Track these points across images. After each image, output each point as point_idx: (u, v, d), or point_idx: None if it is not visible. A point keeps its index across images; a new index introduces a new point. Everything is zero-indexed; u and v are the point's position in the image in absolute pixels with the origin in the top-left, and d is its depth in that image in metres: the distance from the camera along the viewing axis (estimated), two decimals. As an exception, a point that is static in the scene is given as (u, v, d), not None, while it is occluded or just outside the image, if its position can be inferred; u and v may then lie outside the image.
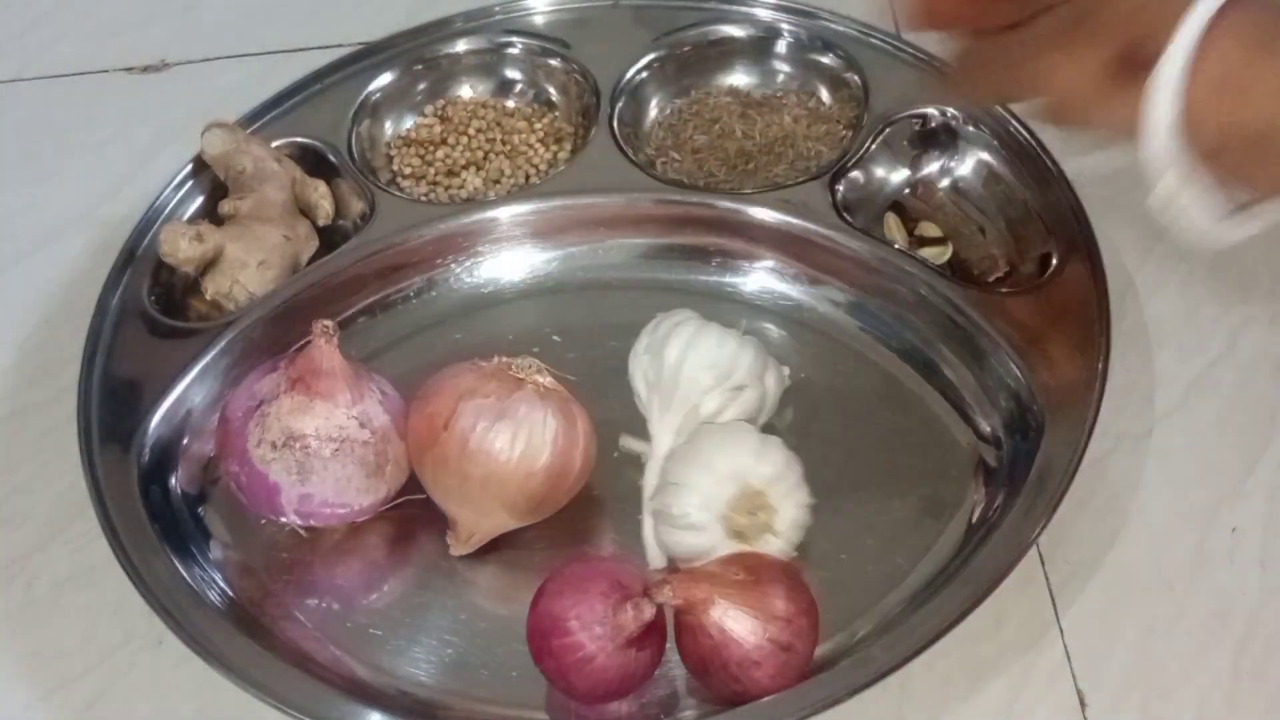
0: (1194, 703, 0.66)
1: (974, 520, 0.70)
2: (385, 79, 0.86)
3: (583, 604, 0.62)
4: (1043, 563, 0.70)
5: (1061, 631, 0.68)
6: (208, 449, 0.74)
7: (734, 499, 0.66)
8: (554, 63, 0.87)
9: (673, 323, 0.71)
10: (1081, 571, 0.70)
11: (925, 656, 0.67)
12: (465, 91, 0.88)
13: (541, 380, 0.68)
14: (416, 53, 0.87)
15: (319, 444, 0.67)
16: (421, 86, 0.87)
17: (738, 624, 0.62)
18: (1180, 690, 0.66)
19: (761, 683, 0.62)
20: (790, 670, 0.62)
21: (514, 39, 0.88)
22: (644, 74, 0.86)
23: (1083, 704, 0.66)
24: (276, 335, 0.75)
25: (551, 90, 0.87)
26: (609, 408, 0.72)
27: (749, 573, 0.63)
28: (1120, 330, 0.78)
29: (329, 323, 0.68)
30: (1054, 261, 0.75)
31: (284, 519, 0.68)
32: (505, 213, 0.81)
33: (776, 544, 0.67)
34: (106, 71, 0.95)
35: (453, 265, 0.81)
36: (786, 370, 0.73)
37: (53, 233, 0.86)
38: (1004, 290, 0.76)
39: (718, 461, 0.67)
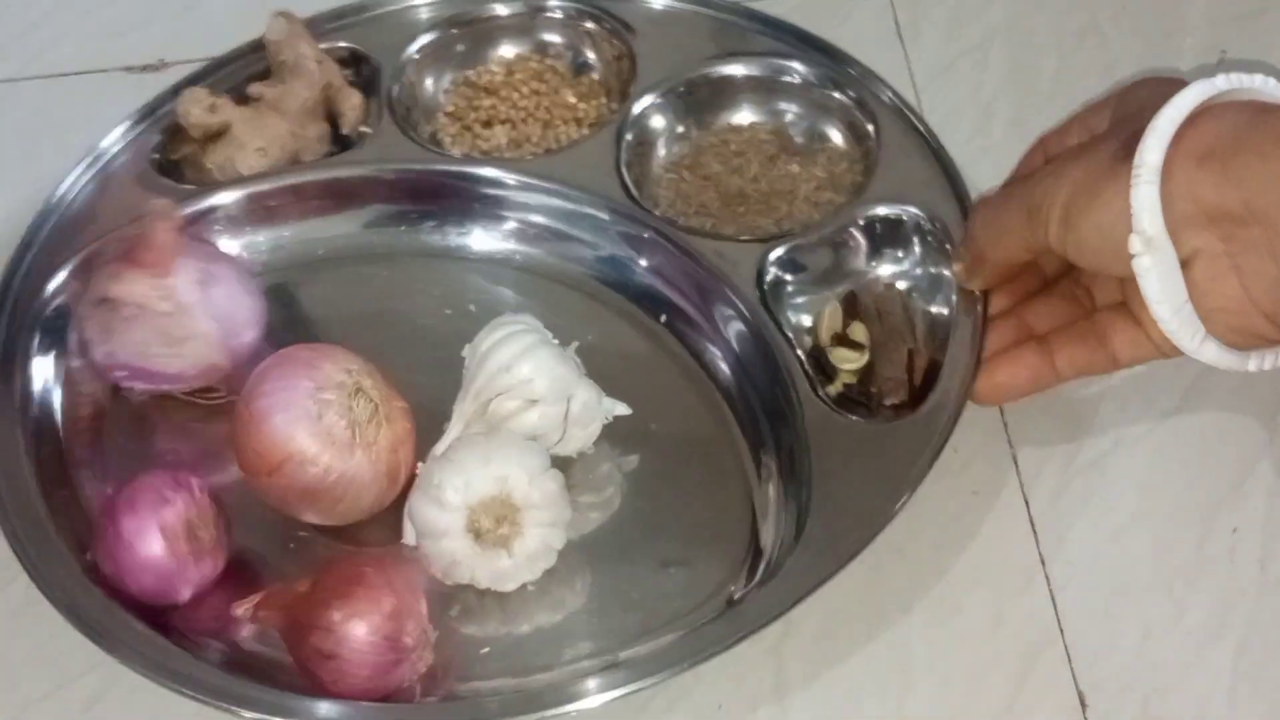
0: (1194, 703, 0.66)
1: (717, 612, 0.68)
2: (476, 21, 0.89)
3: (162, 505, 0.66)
4: (1043, 563, 0.70)
5: (1061, 631, 0.68)
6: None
7: (488, 499, 0.66)
8: (613, 44, 0.87)
9: (509, 319, 0.72)
10: (1082, 571, 0.70)
11: (924, 654, 0.67)
12: (535, 53, 0.89)
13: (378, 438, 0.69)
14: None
15: (123, 308, 0.72)
16: (498, 37, 0.89)
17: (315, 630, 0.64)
18: (1180, 690, 0.66)
19: (327, 686, 0.64)
20: (349, 681, 0.63)
21: (602, 20, 0.88)
22: (690, 86, 0.85)
23: (1083, 704, 0.66)
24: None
25: (604, 70, 0.88)
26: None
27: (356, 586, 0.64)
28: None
29: (163, 202, 0.74)
30: (924, 409, 0.71)
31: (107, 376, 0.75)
32: (479, 172, 0.82)
33: (507, 564, 0.67)
34: (106, 71, 0.95)
35: (401, 209, 0.82)
36: (619, 408, 0.73)
37: (53, 233, 0.86)
38: (855, 416, 0.72)
39: (495, 458, 0.67)
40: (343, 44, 0.87)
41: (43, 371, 0.76)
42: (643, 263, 0.80)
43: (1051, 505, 0.72)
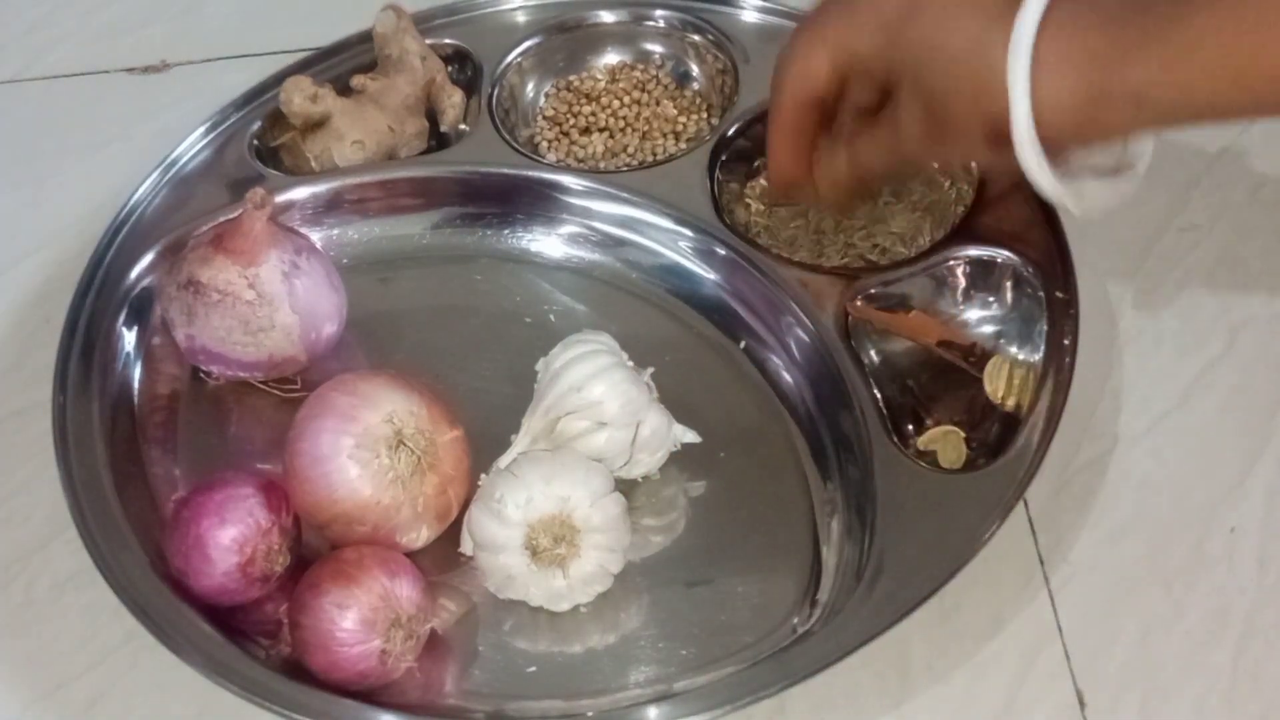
0: (1193, 703, 0.66)
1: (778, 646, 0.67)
2: (580, 26, 0.88)
3: (243, 511, 0.66)
4: (1042, 563, 0.70)
5: (1061, 631, 0.68)
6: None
7: (548, 517, 0.66)
8: (716, 57, 0.87)
9: (585, 336, 0.72)
10: (1081, 571, 0.70)
11: (924, 654, 0.67)
12: (639, 62, 0.89)
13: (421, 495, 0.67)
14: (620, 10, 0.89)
15: (208, 293, 0.72)
16: (602, 44, 0.89)
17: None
18: (1180, 690, 0.66)
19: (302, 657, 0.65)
20: (313, 655, 0.64)
21: (706, 31, 0.87)
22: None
23: (1082, 704, 0.66)
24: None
25: (706, 84, 0.87)
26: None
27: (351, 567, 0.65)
28: (1118, 330, 0.78)
29: (261, 191, 0.73)
30: (999, 462, 0.69)
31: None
32: (569, 181, 0.81)
33: (561, 585, 0.67)
34: (107, 72, 0.95)
35: (488, 211, 0.82)
36: (689, 436, 0.72)
37: (53, 233, 0.86)
38: (925, 464, 0.70)
39: (558, 477, 0.66)
40: (448, 41, 0.87)
41: (124, 349, 0.77)
42: (726, 285, 0.78)
43: (1051, 505, 0.72)
